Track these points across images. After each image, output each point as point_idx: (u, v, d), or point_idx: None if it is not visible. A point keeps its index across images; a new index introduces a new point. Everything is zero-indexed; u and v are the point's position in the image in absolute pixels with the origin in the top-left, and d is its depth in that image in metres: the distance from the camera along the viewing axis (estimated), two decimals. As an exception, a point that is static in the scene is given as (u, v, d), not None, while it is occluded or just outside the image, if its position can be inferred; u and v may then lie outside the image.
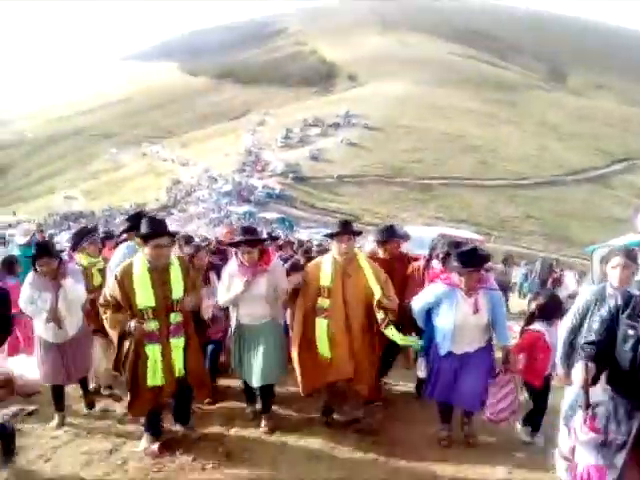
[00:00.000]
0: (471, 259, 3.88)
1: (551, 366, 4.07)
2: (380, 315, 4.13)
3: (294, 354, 4.33)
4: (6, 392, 4.83)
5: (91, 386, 4.85)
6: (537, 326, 4.20)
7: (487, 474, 3.67)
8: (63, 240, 19.43)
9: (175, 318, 3.81)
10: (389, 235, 5.07)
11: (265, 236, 5.60)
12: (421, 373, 4.32)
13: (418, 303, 4.18)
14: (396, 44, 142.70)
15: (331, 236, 4.52)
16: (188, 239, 6.11)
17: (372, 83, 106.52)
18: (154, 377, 3.72)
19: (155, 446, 3.79)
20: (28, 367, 4.73)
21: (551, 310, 4.22)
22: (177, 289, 3.82)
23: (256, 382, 4.20)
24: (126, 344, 3.77)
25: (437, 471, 3.68)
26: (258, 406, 4.47)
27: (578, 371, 2.37)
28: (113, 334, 3.81)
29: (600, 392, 2.51)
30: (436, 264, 4.66)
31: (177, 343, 3.80)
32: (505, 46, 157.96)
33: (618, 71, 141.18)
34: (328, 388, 4.45)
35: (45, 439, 4.01)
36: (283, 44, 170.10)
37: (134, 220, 5.12)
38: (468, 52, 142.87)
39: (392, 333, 4.10)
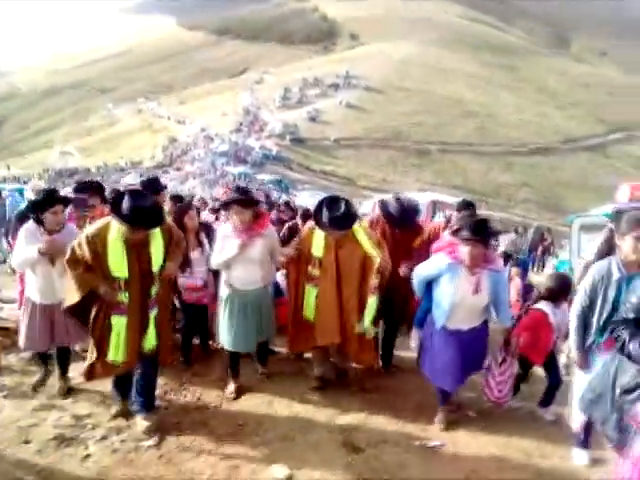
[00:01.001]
0: (480, 228, 3.72)
1: (555, 345, 4.19)
2: (375, 281, 4.14)
3: (289, 315, 4.42)
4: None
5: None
6: (542, 306, 4.17)
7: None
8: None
9: (154, 291, 3.60)
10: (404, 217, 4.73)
11: (259, 198, 5.35)
12: (413, 343, 4.23)
13: (420, 273, 4.06)
14: (399, 3, 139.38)
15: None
16: (179, 198, 5.87)
17: (374, 43, 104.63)
18: (115, 352, 3.50)
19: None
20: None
21: (558, 292, 4.19)
22: (157, 260, 3.57)
23: (248, 348, 4.28)
24: (94, 307, 3.54)
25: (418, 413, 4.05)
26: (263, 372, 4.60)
27: None
28: (76, 293, 3.48)
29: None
30: (447, 235, 4.43)
31: (153, 315, 3.60)
32: (509, 9, 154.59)
33: (623, 39, 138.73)
34: (318, 357, 4.50)
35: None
36: (284, 0, 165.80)
37: (148, 188, 5.16)
38: (472, 14, 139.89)
39: (373, 304, 4.15)
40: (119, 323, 3.48)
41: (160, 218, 3.56)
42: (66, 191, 6.14)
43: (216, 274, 4.64)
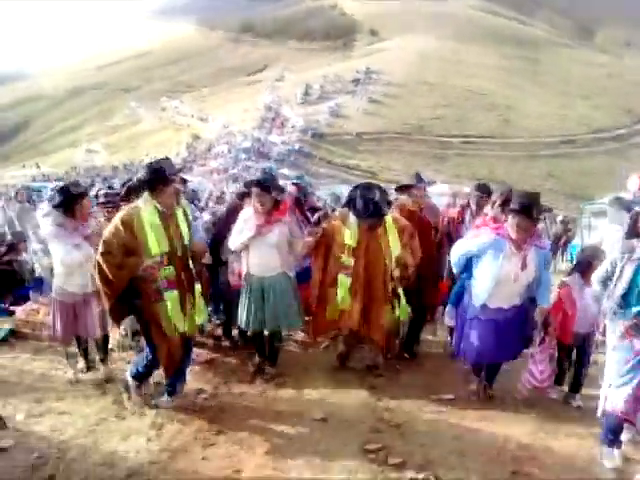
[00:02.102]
0: (530, 202, 3.63)
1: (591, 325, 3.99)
2: (397, 273, 4.23)
3: (313, 301, 4.47)
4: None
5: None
6: (569, 280, 4.10)
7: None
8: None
9: (191, 263, 3.75)
10: (416, 180, 4.90)
11: (282, 186, 5.06)
12: (450, 321, 4.23)
13: (459, 250, 3.97)
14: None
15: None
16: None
17: (394, 38, 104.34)
18: (181, 324, 3.63)
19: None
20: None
21: (586, 263, 4.04)
22: (185, 233, 3.70)
23: (268, 328, 4.30)
24: (141, 294, 3.58)
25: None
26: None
27: None
28: (119, 283, 3.51)
29: None
30: (490, 211, 4.35)
31: (197, 288, 3.78)
32: (531, 1, 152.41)
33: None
34: (345, 337, 4.58)
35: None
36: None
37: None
38: (492, 7, 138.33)
39: (400, 295, 4.27)
40: (172, 298, 3.56)
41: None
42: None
43: None
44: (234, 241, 4.29)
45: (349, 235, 4.24)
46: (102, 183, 37.75)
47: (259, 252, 4.19)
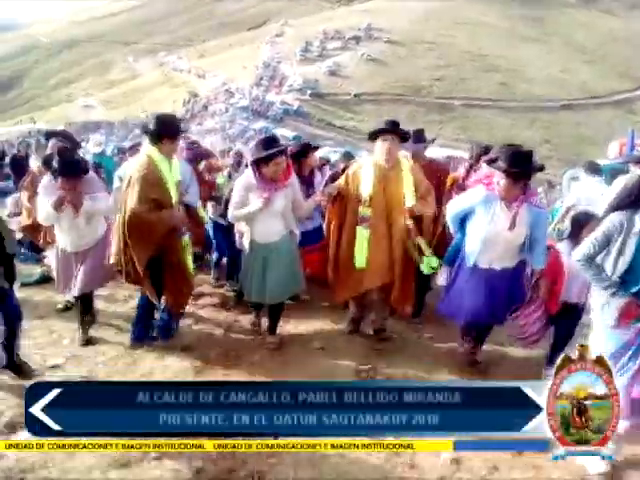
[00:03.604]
0: (519, 160, 3.45)
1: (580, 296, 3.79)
2: (410, 224, 4.06)
3: (330, 263, 4.43)
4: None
5: None
6: (561, 245, 3.87)
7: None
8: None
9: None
10: (414, 140, 4.78)
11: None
12: (442, 280, 4.16)
13: (453, 208, 3.88)
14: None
15: (375, 135, 4.24)
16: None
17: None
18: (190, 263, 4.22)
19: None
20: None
21: (578, 229, 3.70)
22: (178, 182, 3.96)
23: (269, 299, 4.26)
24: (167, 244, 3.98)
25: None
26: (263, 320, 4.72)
27: None
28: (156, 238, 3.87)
29: None
30: (485, 167, 4.20)
31: (186, 241, 4.15)
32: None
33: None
34: (357, 299, 4.54)
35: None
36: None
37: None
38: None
39: (422, 246, 4.05)
40: (186, 241, 4.10)
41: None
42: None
43: None
44: (235, 212, 4.14)
45: (365, 184, 4.15)
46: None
47: (264, 220, 4.06)
